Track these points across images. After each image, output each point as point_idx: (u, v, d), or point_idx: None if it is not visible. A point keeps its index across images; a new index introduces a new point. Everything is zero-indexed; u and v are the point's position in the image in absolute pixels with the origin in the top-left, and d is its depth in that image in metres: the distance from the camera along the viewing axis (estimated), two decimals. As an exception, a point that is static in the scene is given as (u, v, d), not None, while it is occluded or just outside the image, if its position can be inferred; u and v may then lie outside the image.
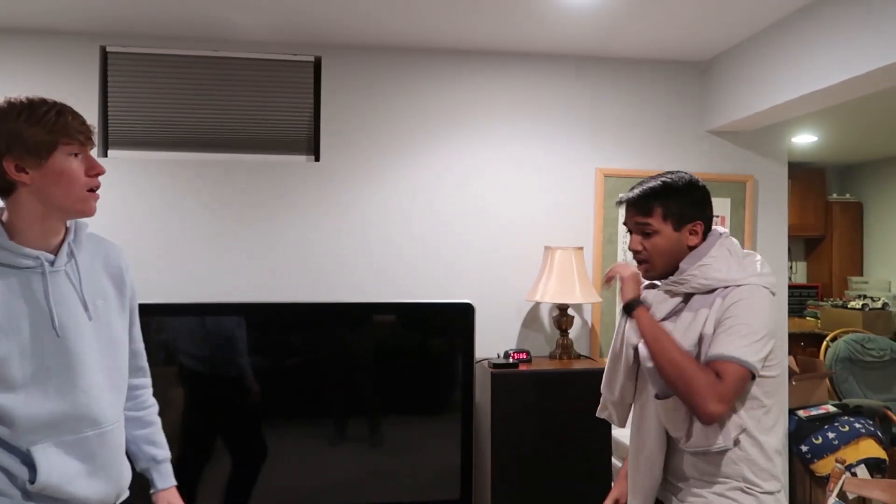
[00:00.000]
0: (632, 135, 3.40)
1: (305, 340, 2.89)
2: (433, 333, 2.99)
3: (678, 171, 1.71)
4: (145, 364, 1.70)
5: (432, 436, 2.94)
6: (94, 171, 1.37)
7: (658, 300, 1.69)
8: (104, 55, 3.08)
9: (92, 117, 3.04)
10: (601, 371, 2.91)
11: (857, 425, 3.39)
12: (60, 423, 1.37)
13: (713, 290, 1.59)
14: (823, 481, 3.18)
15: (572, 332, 3.26)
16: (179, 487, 1.70)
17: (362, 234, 3.22)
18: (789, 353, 3.61)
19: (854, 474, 3.20)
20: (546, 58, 3.33)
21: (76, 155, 1.36)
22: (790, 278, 6.16)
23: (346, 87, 3.21)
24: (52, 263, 1.38)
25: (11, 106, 1.31)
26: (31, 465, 1.34)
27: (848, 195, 6.26)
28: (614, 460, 2.94)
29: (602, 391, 1.79)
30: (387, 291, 3.21)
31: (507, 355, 3.03)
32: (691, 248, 1.66)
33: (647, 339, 1.59)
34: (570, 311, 3.18)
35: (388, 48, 3.23)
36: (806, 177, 6.04)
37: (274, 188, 3.16)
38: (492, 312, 3.26)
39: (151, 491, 1.65)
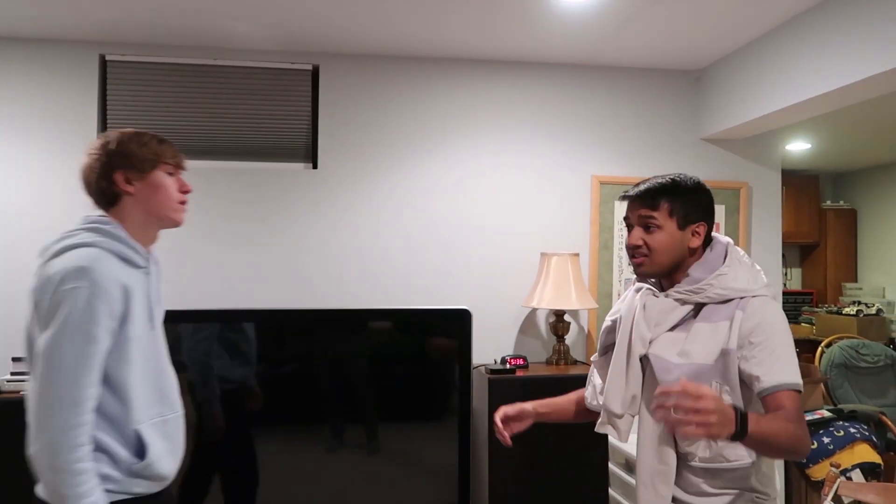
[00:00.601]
0: (627, 142, 3.43)
1: (303, 347, 2.90)
2: (430, 339, 3.00)
3: (686, 174, 1.69)
4: None
5: (430, 442, 2.95)
6: (184, 188, 1.65)
7: (666, 308, 1.62)
8: (103, 63, 3.10)
9: (91, 125, 3.05)
10: (597, 377, 2.94)
11: (852, 430, 3.41)
12: (153, 405, 1.56)
13: (728, 301, 1.56)
14: (819, 486, 3.19)
15: (569, 338, 3.28)
16: (181, 492, 1.72)
17: (360, 240, 3.24)
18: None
19: (849, 479, 3.21)
20: (541, 66, 3.37)
21: (171, 174, 1.62)
22: (785, 285, 6.19)
23: (344, 95, 3.24)
24: (150, 265, 1.63)
25: (124, 134, 1.60)
26: (133, 448, 1.50)
27: (842, 202, 6.30)
28: (611, 466, 2.95)
29: (605, 406, 1.70)
30: (384, 298, 3.22)
31: (503, 361, 3.04)
32: (691, 251, 1.63)
33: (768, 440, 1.39)
34: (567, 317, 3.20)
35: (385, 57, 3.26)
36: (800, 184, 6.08)
37: (272, 195, 3.18)
38: (489, 318, 3.27)
39: None
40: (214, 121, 3.17)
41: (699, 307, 1.59)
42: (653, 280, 1.70)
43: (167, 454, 1.57)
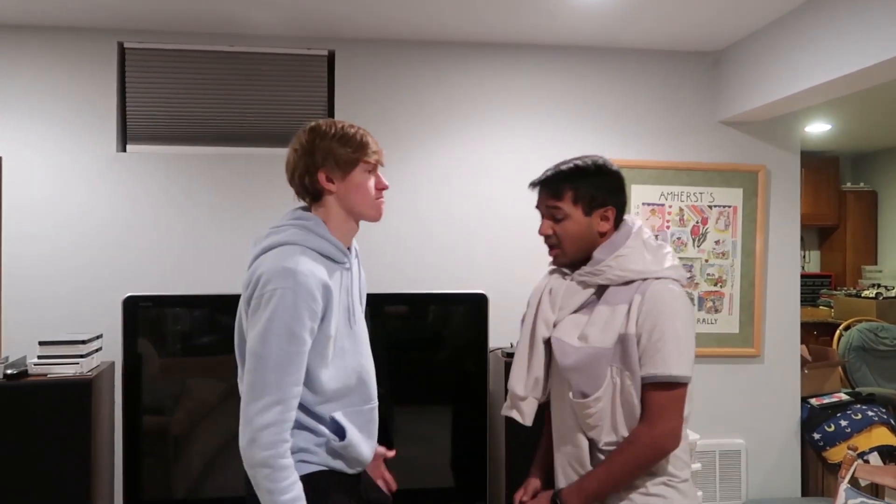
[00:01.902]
0: (643, 126, 3.41)
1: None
2: (447, 323, 3.03)
3: (592, 155, 1.66)
4: None
5: (447, 424, 2.98)
6: (380, 185, 1.65)
7: (570, 292, 1.61)
8: (122, 51, 3.13)
9: (110, 113, 3.09)
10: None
11: (870, 413, 3.41)
12: (348, 395, 1.61)
13: (629, 283, 1.54)
14: (835, 468, 3.20)
15: (585, 322, 3.29)
16: (194, 478, 1.76)
17: (376, 226, 3.23)
18: (802, 342, 3.62)
19: (866, 461, 3.21)
20: (557, 49, 3.35)
21: (369, 172, 1.63)
22: (803, 267, 6.14)
23: (360, 80, 3.24)
24: (350, 261, 1.66)
25: (328, 129, 1.61)
26: (332, 429, 1.57)
27: (862, 184, 6.23)
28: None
29: (509, 388, 1.68)
30: (401, 283, 3.25)
31: (520, 345, 3.06)
32: (602, 235, 1.60)
33: (604, 491, 1.52)
34: (583, 301, 3.20)
35: (400, 42, 3.26)
36: (819, 165, 6.00)
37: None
38: (505, 302, 3.29)
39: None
40: (231, 107, 3.19)
41: (602, 289, 1.57)
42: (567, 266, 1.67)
43: (364, 442, 1.63)
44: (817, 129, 5.05)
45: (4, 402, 2.57)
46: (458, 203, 3.30)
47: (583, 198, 1.59)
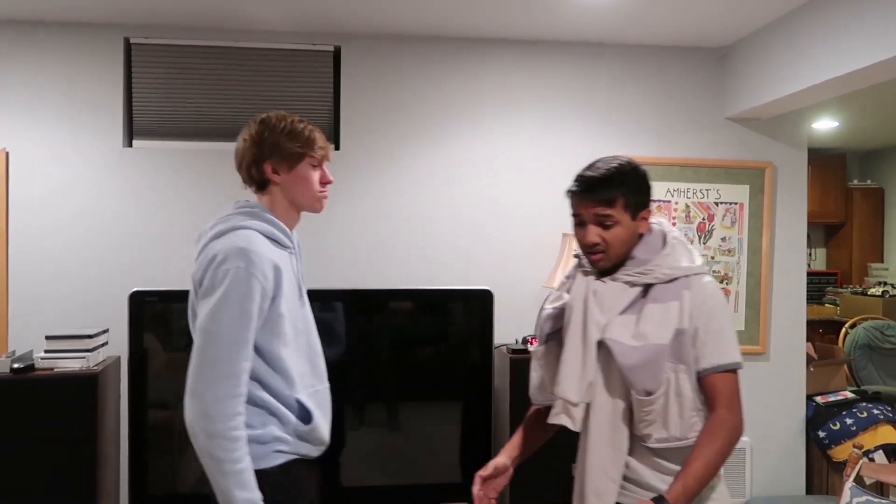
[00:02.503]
0: (650, 122, 3.40)
1: (324, 326, 2.93)
2: (452, 319, 3.03)
3: (619, 156, 1.64)
4: None
5: (452, 420, 2.99)
6: (325, 180, 1.73)
7: (616, 293, 1.60)
8: (128, 46, 3.13)
9: (116, 108, 3.09)
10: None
11: (876, 411, 3.40)
12: (306, 376, 1.67)
13: (673, 280, 1.57)
14: (841, 467, 3.19)
15: (590, 319, 3.28)
16: (201, 473, 1.77)
17: (381, 221, 3.26)
18: (808, 340, 3.61)
19: (872, 460, 3.20)
20: (564, 46, 3.34)
21: (315, 166, 1.70)
22: (809, 265, 6.12)
23: (366, 76, 3.24)
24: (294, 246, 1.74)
25: (278, 122, 1.69)
26: (298, 414, 1.62)
27: (869, 181, 6.20)
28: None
29: (560, 395, 1.62)
30: (405, 278, 3.25)
31: (524, 341, 3.06)
32: (640, 236, 1.62)
33: (703, 486, 1.51)
34: (588, 298, 3.20)
35: (406, 37, 3.26)
36: (826, 163, 5.98)
37: (295, 177, 3.20)
38: (510, 299, 3.29)
39: None
40: (237, 103, 3.19)
41: (646, 288, 1.59)
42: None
43: (324, 422, 1.68)
44: (824, 125, 5.03)
45: (12, 395, 2.58)
46: (464, 200, 3.30)
47: (632, 204, 1.59)
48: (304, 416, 1.62)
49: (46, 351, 2.68)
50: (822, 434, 3.40)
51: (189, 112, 3.17)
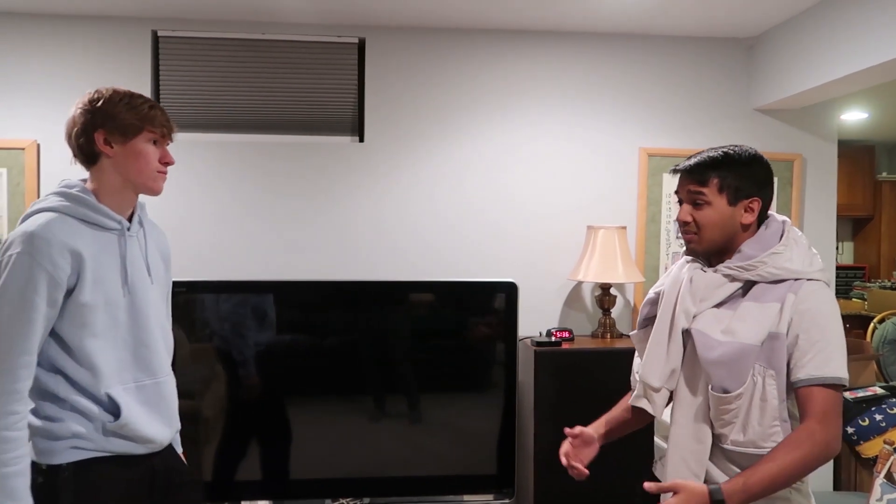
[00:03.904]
0: (676, 113, 3.37)
1: (350, 318, 2.95)
2: (476, 311, 3.03)
3: (743, 145, 1.60)
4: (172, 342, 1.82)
5: (476, 413, 2.99)
6: (165, 159, 1.61)
7: (714, 284, 1.56)
8: (156, 39, 3.16)
9: (145, 100, 3.12)
10: (644, 350, 2.93)
11: (906, 408, 3.34)
12: (125, 370, 1.57)
13: (780, 281, 1.51)
14: (870, 463, 3.15)
15: (614, 312, 3.27)
16: (225, 461, 1.74)
17: (406, 213, 3.26)
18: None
19: (901, 456, 3.16)
20: (590, 36, 3.31)
21: (154, 143, 1.59)
22: (837, 259, 6.03)
23: (390, 68, 3.24)
24: (128, 229, 1.60)
25: (116, 93, 1.57)
26: (107, 408, 1.52)
27: (899, 174, 6.10)
28: (656, 439, 2.96)
29: (642, 379, 1.64)
30: (430, 270, 3.25)
31: (549, 334, 3.06)
32: (744, 227, 1.56)
33: (767, 492, 1.44)
34: (613, 291, 3.18)
35: (431, 29, 3.25)
36: (854, 155, 5.88)
37: (319, 168, 3.22)
38: (534, 291, 3.28)
39: None
40: (262, 95, 3.21)
41: (748, 285, 1.54)
42: (701, 255, 1.64)
43: (146, 417, 1.57)
44: (853, 117, 4.95)
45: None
46: (488, 191, 3.29)
47: (729, 187, 1.55)
48: (114, 410, 1.51)
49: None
50: (850, 430, 3.36)
51: (215, 104, 3.20)
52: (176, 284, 2.79)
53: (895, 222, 6.00)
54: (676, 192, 1.64)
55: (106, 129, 1.54)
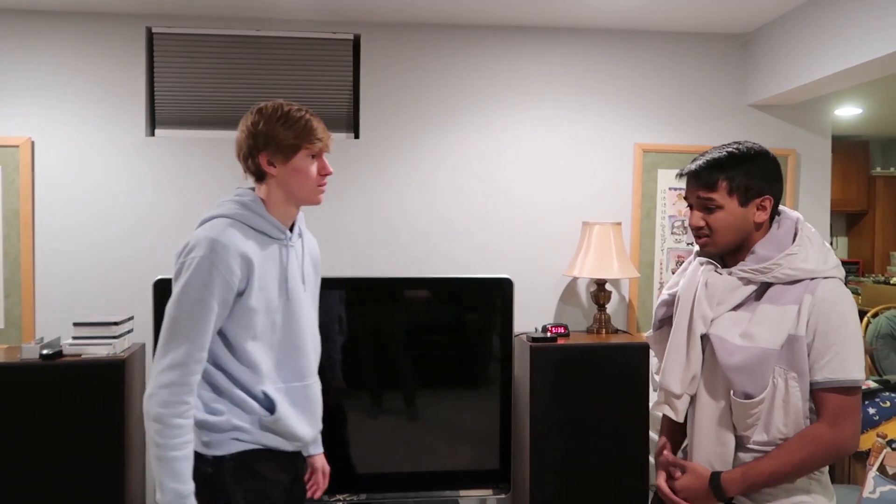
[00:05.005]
0: (671, 109, 3.37)
1: (345, 315, 2.96)
2: (472, 307, 3.04)
3: (746, 141, 1.57)
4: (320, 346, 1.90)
5: (472, 409, 3.00)
6: (324, 171, 1.68)
7: (729, 287, 1.54)
8: (150, 36, 3.15)
9: (138, 97, 3.12)
10: (638, 346, 2.95)
11: (899, 401, 3.36)
12: (278, 372, 1.66)
13: (796, 282, 1.49)
14: (863, 456, 3.17)
15: (610, 307, 3.28)
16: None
17: (401, 209, 3.27)
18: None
19: (895, 449, 3.18)
20: (585, 32, 3.32)
21: (313, 157, 1.66)
22: (830, 254, 6.05)
23: (385, 64, 3.24)
24: (289, 239, 1.70)
25: (274, 111, 1.64)
26: (263, 404, 1.62)
27: (892, 169, 6.11)
28: (651, 433, 2.98)
29: (662, 386, 1.61)
30: (425, 266, 3.26)
31: (544, 329, 3.06)
32: (758, 225, 1.54)
33: (768, 484, 1.48)
34: (608, 286, 3.20)
35: (426, 25, 3.25)
36: (849, 150, 5.90)
37: (315, 165, 3.22)
38: (529, 287, 3.29)
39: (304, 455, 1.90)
40: (258, 91, 3.20)
41: (763, 287, 1.52)
42: (715, 256, 1.62)
43: (297, 417, 1.67)
44: (847, 112, 4.96)
45: (42, 380, 2.63)
46: (484, 187, 3.29)
47: (738, 188, 1.52)
48: (270, 406, 1.62)
49: (74, 338, 2.72)
50: (843, 423, 3.37)
51: (211, 101, 3.19)
52: (169, 283, 2.80)
53: (889, 217, 6.03)
54: (686, 198, 1.62)
55: (268, 152, 1.63)
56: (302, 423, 1.68)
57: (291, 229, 1.72)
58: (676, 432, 1.72)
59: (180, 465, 1.50)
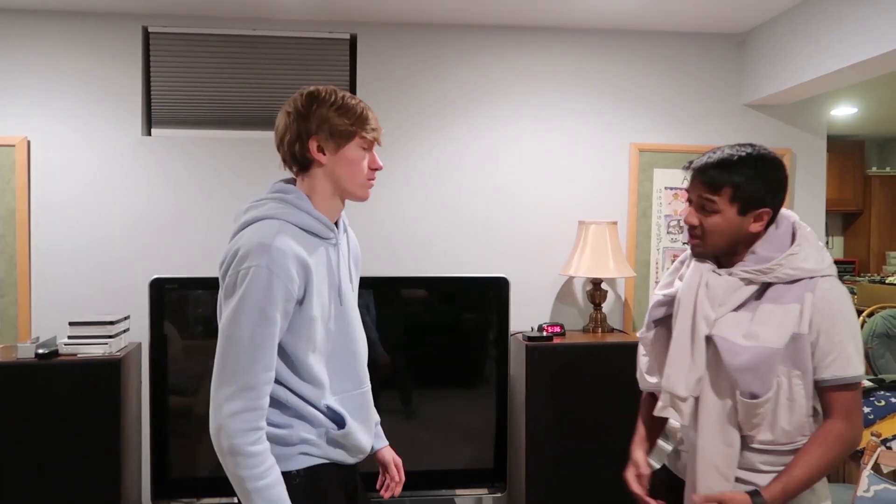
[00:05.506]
0: (667, 109, 3.38)
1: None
2: (468, 307, 3.04)
3: (758, 147, 1.54)
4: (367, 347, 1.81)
5: (468, 408, 3.01)
6: (374, 165, 1.54)
7: (731, 288, 1.54)
8: (146, 35, 3.15)
9: (135, 97, 3.12)
10: (634, 345, 2.94)
11: (894, 400, 3.37)
12: (337, 381, 1.54)
13: (795, 281, 1.50)
14: (858, 455, 3.18)
15: (606, 306, 3.29)
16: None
17: (398, 208, 3.27)
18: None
19: (889, 448, 3.19)
20: (581, 32, 3.32)
21: (365, 149, 1.52)
22: (826, 253, 6.07)
23: (382, 64, 3.24)
24: (337, 237, 1.55)
25: (328, 95, 1.51)
26: (330, 417, 1.51)
27: (888, 168, 6.13)
28: (647, 432, 2.98)
29: (667, 390, 1.60)
30: (422, 266, 3.26)
31: (540, 329, 3.07)
32: (751, 235, 1.54)
33: (802, 490, 1.50)
34: (604, 286, 3.20)
35: (423, 24, 3.25)
36: (844, 150, 5.92)
37: (312, 165, 3.22)
38: (526, 286, 3.30)
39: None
40: (255, 91, 3.21)
41: (763, 286, 1.53)
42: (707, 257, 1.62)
43: (360, 428, 1.57)
44: (843, 112, 4.97)
45: (38, 380, 2.63)
46: (480, 187, 3.30)
47: (741, 197, 1.51)
48: (338, 420, 1.51)
49: (70, 337, 2.72)
50: (838, 422, 3.39)
51: (207, 100, 3.19)
52: (167, 281, 2.81)
53: (885, 217, 6.04)
54: (687, 191, 1.61)
55: (320, 137, 1.48)
56: (364, 433, 1.58)
57: (336, 225, 1.57)
58: (656, 418, 1.73)
59: (271, 492, 1.38)
